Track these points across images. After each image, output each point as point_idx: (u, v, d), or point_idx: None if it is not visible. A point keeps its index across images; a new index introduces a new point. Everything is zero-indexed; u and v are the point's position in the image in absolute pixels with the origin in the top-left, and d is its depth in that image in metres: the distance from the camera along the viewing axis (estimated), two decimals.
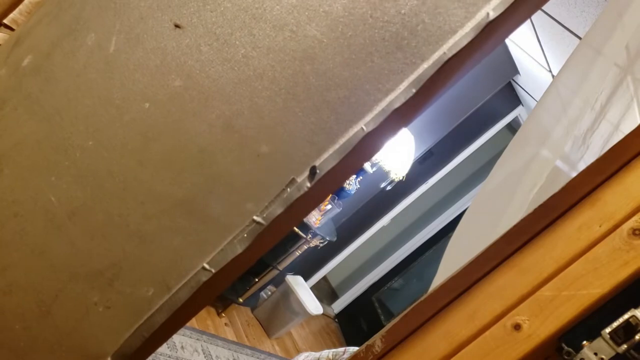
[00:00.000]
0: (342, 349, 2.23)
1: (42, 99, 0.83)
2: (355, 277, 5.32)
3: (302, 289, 3.71)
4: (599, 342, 0.68)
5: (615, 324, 0.67)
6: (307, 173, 0.70)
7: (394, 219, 4.74)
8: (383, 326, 0.82)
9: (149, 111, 0.76)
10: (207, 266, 0.73)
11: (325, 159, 0.70)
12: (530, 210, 0.77)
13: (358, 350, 0.83)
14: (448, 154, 4.48)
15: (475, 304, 0.76)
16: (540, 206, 0.76)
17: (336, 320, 5.15)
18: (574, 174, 0.76)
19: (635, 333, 0.66)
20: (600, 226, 0.72)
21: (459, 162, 4.53)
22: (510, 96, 4.31)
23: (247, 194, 0.72)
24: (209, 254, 0.73)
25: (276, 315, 3.65)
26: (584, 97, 1.36)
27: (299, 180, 0.71)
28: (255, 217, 0.72)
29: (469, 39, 0.66)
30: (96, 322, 0.76)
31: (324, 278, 5.12)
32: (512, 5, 0.65)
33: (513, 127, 4.58)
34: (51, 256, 0.78)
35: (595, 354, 0.68)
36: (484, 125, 4.38)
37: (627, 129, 1.36)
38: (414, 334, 0.78)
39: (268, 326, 3.69)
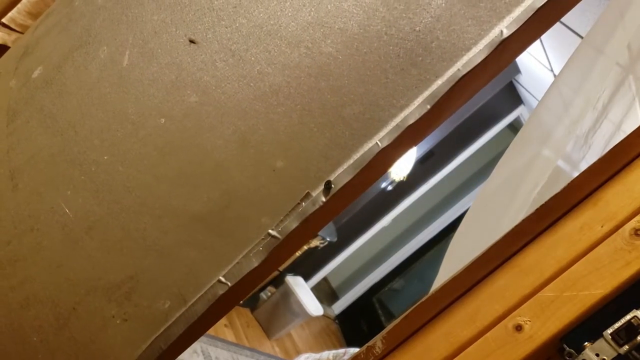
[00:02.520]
0: (342, 350, 2.23)
1: (55, 113, 0.83)
2: (355, 277, 5.32)
3: (302, 290, 3.71)
4: (600, 343, 0.68)
5: (617, 325, 0.67)
6: (322, 187, 0.71)
7: (394, 220, 4.74)
8: (384, 327, 0.82)
9: (164, 126, 0.77)
10: (223, 279, 0.73)
11: (340, 174, 0.71)
12: (532, 210, 0.77)
13: (359, 351, 0.82)
14: (449, 154, 4.48)
15: (477, 305, 0.75)
16: (542, 206, 0.76)
17: (336, 321, 5.14)
18: (575, 174, 0.76)
19: (637, 334, 0.66)
20: (602, 226, 0.71)
21: (460, 162, 4.53)
22: (511, 96, 4.31)
23: (263, 208, 0.73)
24: (225, 267, 0.74)
25: (276, 316, 3.65)
26: (586, 97, 1.36)
27: (313, 194, 0.71)
28: (270, 231, 0.72)
29: (482, 56, 0.67)
30: (113, 334, 0.76)
31: (325, 279, 5.12)
32: (525, 23, 0.66)
33: (515, 127, 4.58)
34: (68, 270, 0.79)
35: (597, 354, 0.67)
36: (485, 125, 4.38)
37: (629, 128, 1.36)
38: (414, 335, 0.78)
39: (268, 327, 3.69)
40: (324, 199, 0.71)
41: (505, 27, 0.67)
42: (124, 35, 0.81)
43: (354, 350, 2.28)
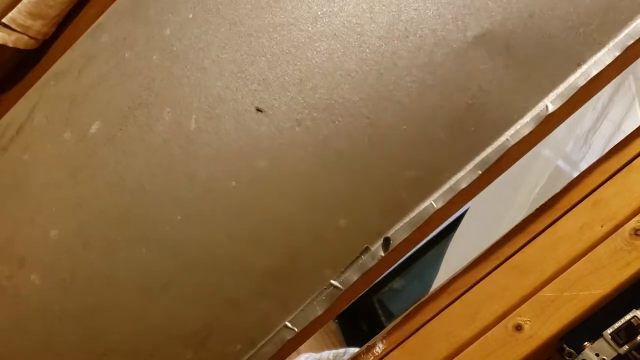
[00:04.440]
0: (342, 350, 2.23)
1: (121, 171, 0.85)
2: None
3: None
4: (600, 343, 0.68)
5: (616, 325, 0.67)
6: (380, 242, 0.76)
7: None
8: (384, 327, 0.82)
9: (235, 189, 0.80)
10: (289, 324, 0.79)
11: (397, 230, 0.76)
12: (532, 210, 0.77)
13: (359, 351, 0.83)
14: None
15: (477, 304, 0.76)
16: (542, 206, 0.76)
17: (336, 321, 5.14)
18: (575, 174, 0.76)
19: (637, 334, 0.66)
20: (602, 226, 0.72)
21: None
22: None
23: (326, 261, 0.78)
24: (291, 313, 0.79)
25: None
26: None
27: (372, 249, 0.77)
28: (332, 281, 0.78)
29: (529, 128, 0.72)
30: None
31: None
32: (569, 99, 0.71)
33: None
34: (146, 321, 0.83)
35: (597, 354, 0.67)
36: None
37: (628, 128, 1.36)
38: (414, 335, 0.79)
39: None
40: (382, 254, 0.76)
41: (550, 102, 0.72)
42: (188, 98, 0.83)
43: (354, 350, 2.28)
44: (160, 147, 0.84)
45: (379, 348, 0.80)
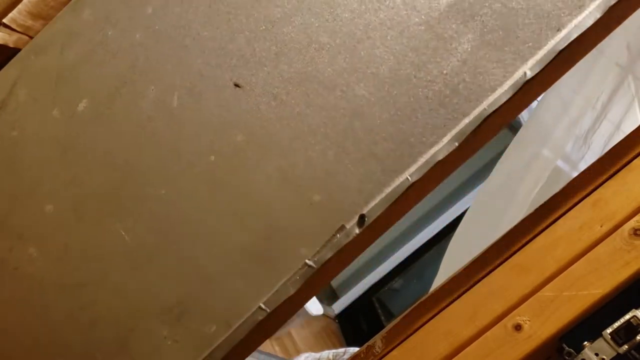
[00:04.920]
0: (342, 350, 2.23)
1: (111, 149, 0.87)
2: (355, 277, 5.31)
3: None
4: (599, 343, 0.68)
5: (616, 325, 0.67)
6: (355, 220, 0.75)
7: None
8: (383, 327, 0.83)
9: (214, 163, 0.82)
10: (262, 306, 0.78)
11: (373, 207, 0.75)
12: (531, 210, 0.77)
13: (358, 350, 0.83)
14: None
15: (476, 304, 0.76)
16: (541, 206, 0.76)
17: (336, 320, 5.14)
18: (575, 174, 0.77)
19: (636, 333, 0.66)
20: (601, 226, 0.72)
21: None
22: None
23: (301, 240, 0.78)
24: (265, 294, 0.78)
25: None
26: (585, 97, 1.37)
27: (347, 226, 0.75)
28: (307, 261, 0.76)
29: (507, 96, 0.70)
30: (165, 355, 0.82)
31: None
32: (547, 65, 0.69)
33: (514, 127, 4.58)
34: (128, 294, 0.85)
35: (596, 354, 0.68)
36: None
37: (628, 128, 1.36)
38: (414, 335, 0.79)
39: None
40: (357, 231, 0.74)
41: (528, 69, 0.70)
42: (171, 76, 0.85)
43: (354, 350, 2.28)
44: (146, 124, 0.85)
45: (379, 348, 0.80)
